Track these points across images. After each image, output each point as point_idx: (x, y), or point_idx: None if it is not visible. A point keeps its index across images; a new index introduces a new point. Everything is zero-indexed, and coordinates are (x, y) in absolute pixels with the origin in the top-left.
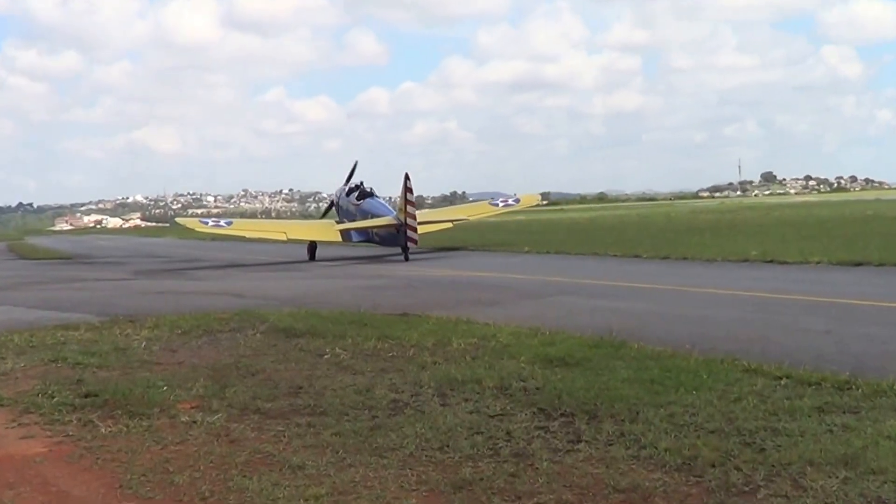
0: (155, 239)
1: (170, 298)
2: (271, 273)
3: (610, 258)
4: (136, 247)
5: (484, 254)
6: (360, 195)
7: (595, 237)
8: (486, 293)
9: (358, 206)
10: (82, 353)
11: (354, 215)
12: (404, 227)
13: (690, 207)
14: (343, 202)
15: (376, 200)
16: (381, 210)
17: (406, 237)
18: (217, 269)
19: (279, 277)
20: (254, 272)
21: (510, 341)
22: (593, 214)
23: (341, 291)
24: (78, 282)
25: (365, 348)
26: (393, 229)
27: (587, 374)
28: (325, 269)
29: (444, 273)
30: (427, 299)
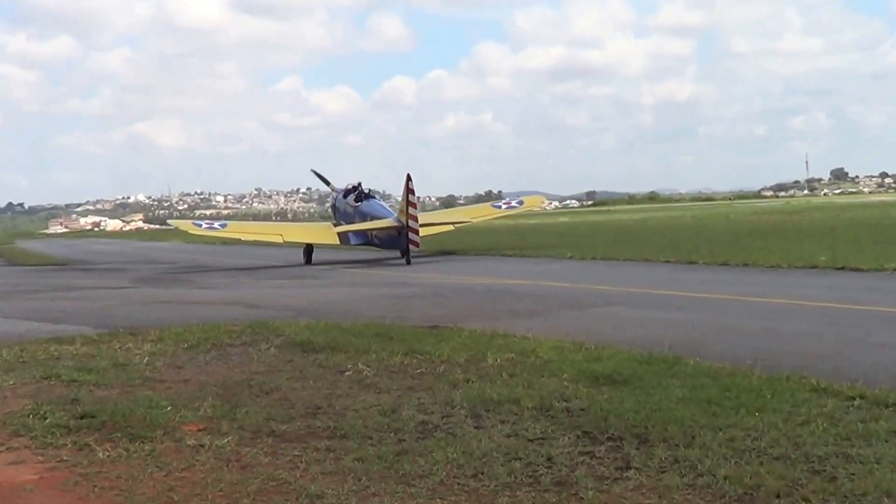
0: (158, 243)
1: (175, 309)
2: (286, 280)
3: (662, 264)
4: (137, 252)
5: (521, 260)
6: (358, 197)
7: (645, 241)
8: (524, 303)
9: (356, 209)
10: (78, 370)
11: (353, 217)
12: (406, 229)
13: (752, 208)
14: (340, 204)
15: (375, 202)
16: (380, 212)
17: (408, 240)
18: (226, 276)
19: (295, 285)
20: (267, 279)
21: (551, 357)
22: (643, 216)
23: (364, 301)
24: (73, 290)
25: (390, 364)
26: (394, 232)
27: (637, 394)
28: (345, 275)
29: (477, 281)
30: (459, 310)
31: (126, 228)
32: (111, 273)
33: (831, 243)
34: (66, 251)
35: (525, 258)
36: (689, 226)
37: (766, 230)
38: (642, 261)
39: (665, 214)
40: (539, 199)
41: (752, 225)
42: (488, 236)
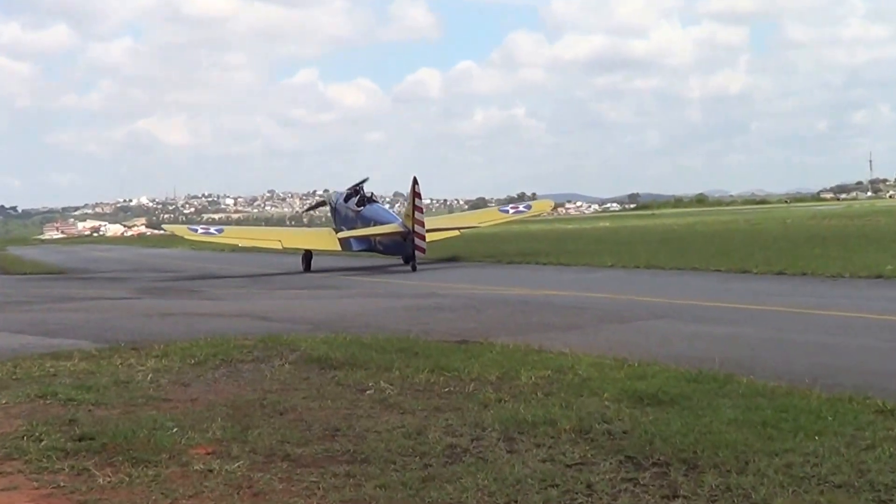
0: (162, 250)
1: (181, 321)
2: (301, 290)
3: (712, 273)
4: (139, 259)
5: (558, 268)
6: (360, 200)
7: (694, 248)
8: (561, 316)
9: (358, 213)
10: (76, 388)
11: (354, 222)
12: (411, 234)
13: (810, 211)
14: (341, 208)
15: (378, 206)
16: (384, 216)
17: (414, 246)
18: (237, 286)
19: (311, 295)
20: (280, 289)
21: (591, 374)
22: (691, 220)
23: (386, 313)
24: (71, 301)
25: (415, 382)
26: (399, 237)
27: (685, 415)
28: (366, 286)
29: (510, 291)
30: (490, 323)
31: (127, 234)
32: (111, 282)
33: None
34: (62, 258)
35: (562, 266)
36: (742, 231)
37: (825, 236)
38: (690, 269)
39: (715, 219)
40: (547, 203)
41: (811, 230)
42: (522, 242)
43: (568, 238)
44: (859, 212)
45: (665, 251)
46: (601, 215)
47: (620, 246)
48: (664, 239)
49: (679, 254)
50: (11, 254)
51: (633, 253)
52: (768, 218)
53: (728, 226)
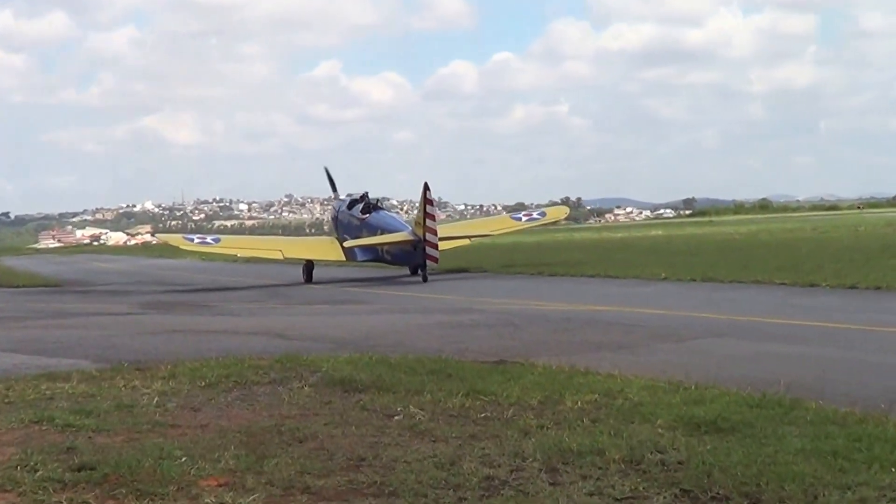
0: (170, 260)
1: (190, 339)
2: (323, 305)
3: (777, 287)
4: (144, 270)
5: (605, 281)
6: (366, 207)
7: (756, 259)
8: (609, 334)
9: (363, 221)
10: (75, 413)
11: (359, 231)
12: (423, 243)
13: (885, 218)
14: (343, 216)
15: (385, 213)
16: (392, 224)
17: (424, 255)
18: (251, 300)
19: (334, 311)
20: (300, 303)
21: (643, 399)
22: (753, 228)
23: (416, 330)
24: (69, 317)
25: (448, 407)
26: (409, 246)
27: (747, 444)
28: (394, 300)
29: (553, 306)
30: (531, 341)
31: (131, 242)
32: (113, 296)
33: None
34: (59, 270)
35: (610, 279)
36: (809, 240)
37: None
38: (752, 283)
39: (779, 226)
40: (562, 210)
41: (886, 239)
42: (565, 252)
43: (616, 248)
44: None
45: (724, 262)
46: (653, 222)
47: (674, 256)
48: (723, 249)
49: (740, 265)
50: (3, 264)
51: (688, 264)
52: (839, 225)
53: (794, 234)
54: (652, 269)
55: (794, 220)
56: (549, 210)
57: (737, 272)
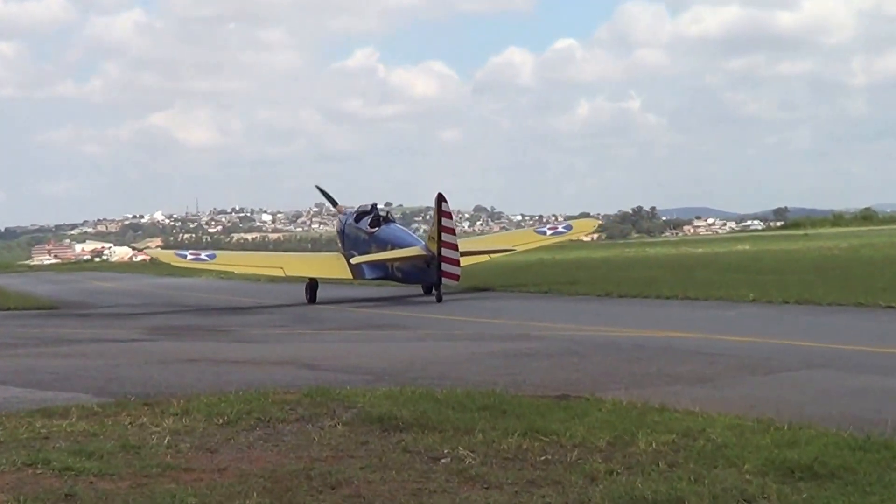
0: (183, 279)
1: (206, 370)
2: (358, 330)
3: (883, 311)
4: (154, 290)
5: (684, 303)
6: (374, 220)
7: (858, 277)
8: (688, 364)
9: (372, 235)
10: (74, 454)
11: (367, 246)
12: (437, 259)
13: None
14: (350, 230)
15: (396, 227)
16: (404, 239)
17: (440, 272)
18: (276, 325)
19: (370, 337)
20: (331, 329)
21: (728, 440)
22: (855, 242)
23: (465, 360)
24: (67, 344)
25: (503, 449)
26: (422, 262)
27: (849, 492)
28: (439, 325)
29: (624, 332)
30: (598, 373)
31: (138, 258)
32: (118, 320)
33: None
34: (56, 290)
35: (689, 301)
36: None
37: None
38: (854, 306)
39: (885, 240)
40: (590, 223)
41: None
42: (637, 270)
43: (696, 265)
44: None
45: (822, 282)
46: (738, 235)
47: (764, 275)
48: (820, 266)
49: (840, 286)
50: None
51: (780, 284)
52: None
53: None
54: (738, 289)
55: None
56: (577, 223)
57: (836, 293)
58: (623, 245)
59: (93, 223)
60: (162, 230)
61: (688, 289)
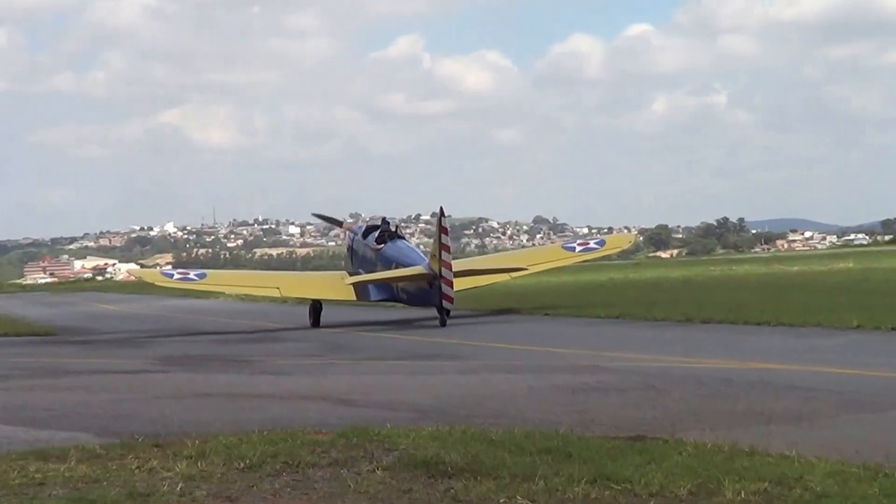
0: (198, 301)
1: (225, 406)
2: (401, 360)
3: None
4: (165, 314)
5: (777, 330)
6: (381, 236)
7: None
8: (783, 401)
9: (378, 252)
10: (73, 502)
11: (373, 264)
12: (438, 280)
13: None
14: (358, 246)
15: (404, 244)
16: (409, 256)
17: (441, 294)
18: (306, 353)
19: (415, 368)
20: (369, 358)
21: (828, 488)
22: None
23: (524, 395)
24: (65, 375)
25: (567, 498)
26: (423, 282)
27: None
28: (494, 354)
29: (707, 363)
30: (678, 410)
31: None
32: (123, 348)
33: None
34: (52, 313)
35: (783, 327)
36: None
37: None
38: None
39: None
40: (626, 238)
41: None
42: (723, 291)
43: (792, 285)
44: None
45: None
46: (841, 251)
47: (871, 297)
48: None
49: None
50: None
51: (889, 308)
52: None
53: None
54: (840, 314)
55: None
56: (611, 238)
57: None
58: (707, 262)
59: (94, 236)
60: (173, 245)
61: (782, 314)
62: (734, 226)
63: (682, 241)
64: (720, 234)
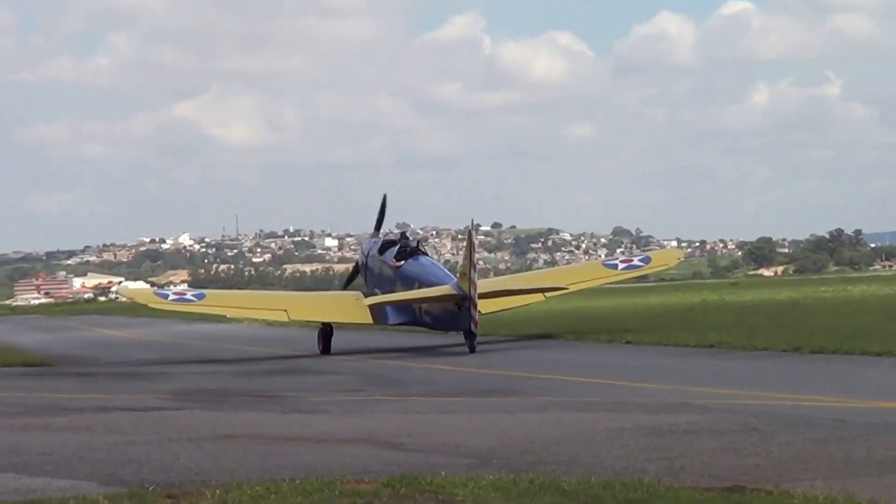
0: (218, 326)
1: (251, 449)
2: (455, 398)
3: None
4: (179, 341)
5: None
6: (401, 252)
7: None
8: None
9: (398, 270)
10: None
11: (392, 284)
12: (469, 301)
13: None
14: (374, 262)
15: (427, 260)
16: (434, 275)
17: (471, 318)
18: (346, 388)
19: (473, 405)
20: (419, 394)
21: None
22: None
23: (602, 437)
24: (63, 413)
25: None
26: (451, 304)
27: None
28: (566, 389)
29: (818, 401)
30: (783, 457)
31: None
32: (132, 381)
33: None
34: (48, 340)
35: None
36: None
37: None
38: None
39: None
40: (675, 253)
41: None
42: (836, 316)
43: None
44: None
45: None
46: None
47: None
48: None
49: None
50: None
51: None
52: None
53: None
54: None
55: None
56: (657, 255)
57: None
58: (817, 282)
59: (97, 250)
60: (189, 260)
61: None
62: (849, 239)
63: (787, 257)
64: (833, 249)
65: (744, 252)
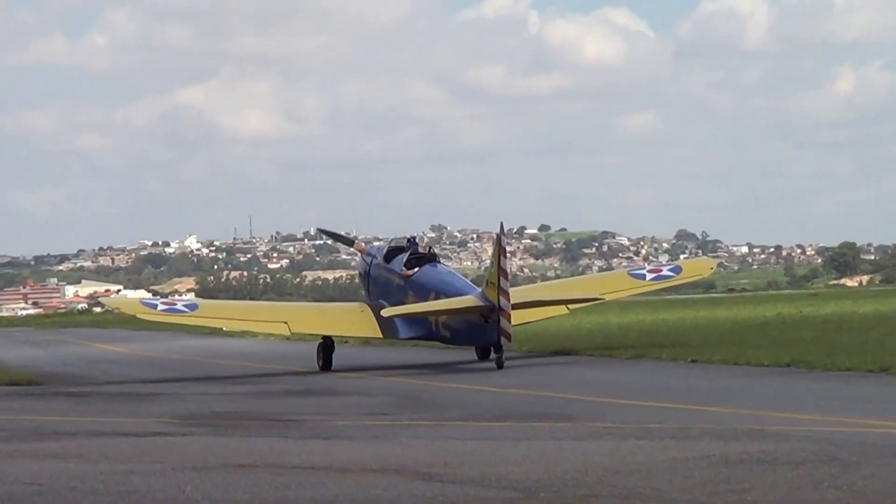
0: (228, 341)
1: (266, 480)
2: (496, 422)
3: None
4: (184, 357)
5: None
6: (411, 261)
7: None
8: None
9: (408, 279)
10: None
11: (402, 294)
12: (497, 311)
13: None
14: (378, 272)
15: (442, 268)
16: (452, 285)
17: (499, 330)
18: (372, 412)
19: (518, 431)
20: (456, 419)
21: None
22: None
23: (664, 468)
24: (55, 438)
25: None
26: (476, 317)
27: None
28: (621, 413)
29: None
30: (871, 490)
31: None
32: (131, 403)
33: None
34: (37, 356)
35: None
36: None
37: None
38: None
39: None
40: (708, 263)
41: None
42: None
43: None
44: None
45: None
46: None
47: None
48: None
49: None
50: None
51: None
52: None
53: None
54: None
55: None
56: (688, 264)
57: None
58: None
59: (92, 254)
60: (197, 265)
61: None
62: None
63: (874, 265)
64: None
65: (824, 259)
